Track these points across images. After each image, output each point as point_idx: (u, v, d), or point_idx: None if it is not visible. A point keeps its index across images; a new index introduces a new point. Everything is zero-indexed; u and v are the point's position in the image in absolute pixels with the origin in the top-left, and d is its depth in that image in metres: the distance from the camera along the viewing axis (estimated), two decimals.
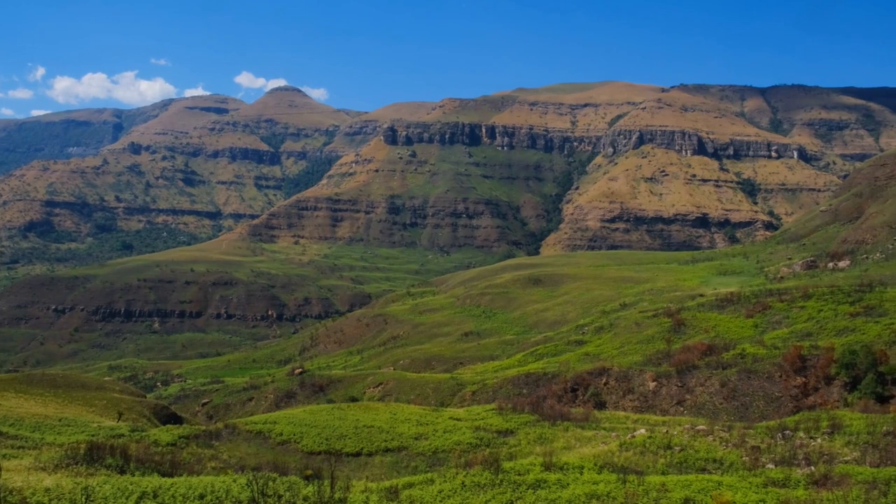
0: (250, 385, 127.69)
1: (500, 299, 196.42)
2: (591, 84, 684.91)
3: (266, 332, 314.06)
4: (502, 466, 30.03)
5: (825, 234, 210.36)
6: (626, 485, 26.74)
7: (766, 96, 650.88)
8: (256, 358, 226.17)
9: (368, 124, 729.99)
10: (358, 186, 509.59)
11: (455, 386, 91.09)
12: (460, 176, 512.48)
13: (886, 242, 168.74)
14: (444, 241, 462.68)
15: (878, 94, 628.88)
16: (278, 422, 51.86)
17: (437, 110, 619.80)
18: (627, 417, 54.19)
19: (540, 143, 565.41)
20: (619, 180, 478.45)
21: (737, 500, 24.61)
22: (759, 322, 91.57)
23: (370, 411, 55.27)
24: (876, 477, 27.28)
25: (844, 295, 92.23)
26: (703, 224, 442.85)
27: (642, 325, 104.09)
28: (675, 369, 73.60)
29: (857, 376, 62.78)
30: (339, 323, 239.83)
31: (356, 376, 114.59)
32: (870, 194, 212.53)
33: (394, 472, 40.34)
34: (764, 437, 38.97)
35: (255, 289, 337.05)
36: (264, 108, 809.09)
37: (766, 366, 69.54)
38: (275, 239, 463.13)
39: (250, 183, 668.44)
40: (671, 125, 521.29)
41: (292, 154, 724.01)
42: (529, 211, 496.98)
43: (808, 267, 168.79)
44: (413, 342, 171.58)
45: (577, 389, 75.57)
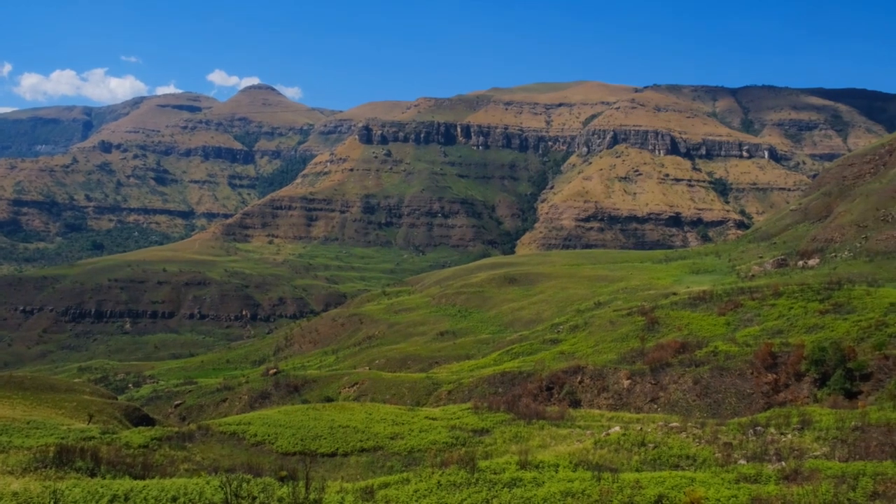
0: (224, 386, 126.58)
1: (476, 298, 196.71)
2: (565, 84, 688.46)
3: (240, 332, 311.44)
4: (478, 465, 30.06)
5: (795, 232, 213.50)
6: (600, 482, 26.89)
7: (738, 97, 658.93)
8: (230, 358, 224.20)
9: (343, 123, 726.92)
10: (333, 186, 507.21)
11: (431, 385, 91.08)
12: (435, 175, 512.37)
13: (854, 241, 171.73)
14: (419, 240, 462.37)
15: (846, 95, 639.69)
16: (252, 423, 51.43)
17: (412, 109, 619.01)
18: (602, 415, 54.53)
19: (515, 142, 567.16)
20: (593, 180, 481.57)
21: (709, 495, 24.85)
22: (731, 320, 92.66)
23: (345, 411, 55.03)
24: (845, 471, 27.72)
25: (814, 293, 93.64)
26: (676, 223, 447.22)
27: (616, 324, 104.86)
28: (649, 367, 74.26)
29: (826, 373, 63.80)
30: (314, 323, 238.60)
31: (331, 376, 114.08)
32: (838, 193, 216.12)
33: (369, 472, 40.19)
34: (736, 433, 39.44)
35: (228, 289, 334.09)
36: (238, 106, 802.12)
37: (738, 363, 70.42)
38: (249, 238, 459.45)
39: (224, 182, 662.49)
40: (645, 125, 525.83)
41: (266, 153, 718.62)
42: (505, 210, 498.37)
43: (778, 265, 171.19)
44: (388, 342, 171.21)
45: (553, 388, 75.96)
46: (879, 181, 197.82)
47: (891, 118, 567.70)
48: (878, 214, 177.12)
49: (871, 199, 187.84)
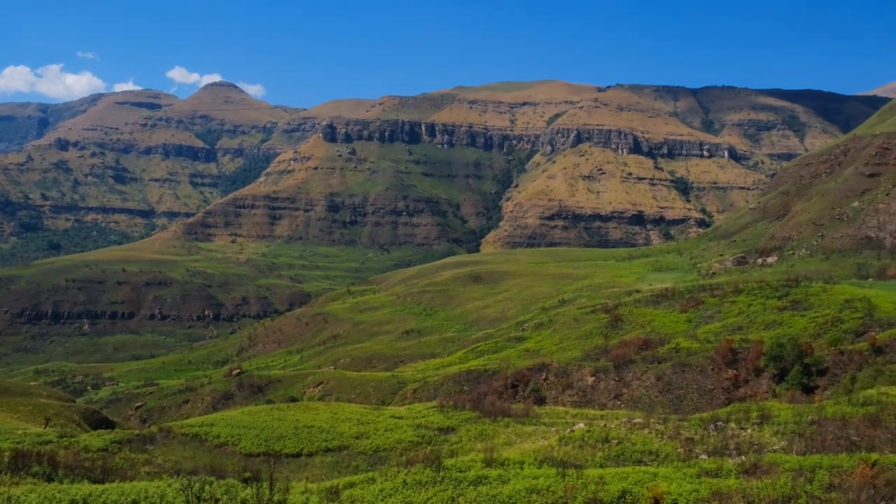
0: (186, 387, 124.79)
1: (441, 297, 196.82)
2: (529, 83, 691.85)
3: (202, 332, 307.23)
4: (444, 464, 30.07)
5: (754, 230, 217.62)
6: (565, 479, 27.08)
7: (698, 97, 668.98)
8: (192, 359, 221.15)
9: (307, 121, 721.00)
10: (297, 184, 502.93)
11: (396, 384, 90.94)
12: (400, 174, 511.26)
13: (811, 239, 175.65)
14: (384, 239, 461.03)
15: (803, 96, 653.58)
16: (215, 424, 50.79)
17: (376, 108, 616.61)
18: (567, 412, 54.95)
19: (479, 141, 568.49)
20: (557, 178, 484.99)
21: (672, 490, 25.18)
22: (692, 317, 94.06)
23: (310, 411, 54.65)
24: (802, 465, 28.31)
25: (772, 290, 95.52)
26: (638, 221, 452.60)
27: (581, 321, 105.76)
28: (613, 364, 75.05)
29: (784, 368, 65.13)
30: (278, 322, 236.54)
31: (296, 376, 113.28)
32: (796, 193, 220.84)
33: (334, 472, 39.96)
34: (697, 428, 40.05)
35: (190, 288, 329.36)
36: (199, 103, 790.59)
37: (699, 359, 71.51)
38: (211, 237, 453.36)
39: (185, 180, 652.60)
40: (608, 124, 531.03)
41: (229, 151, 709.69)
42: (469, 209, 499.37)
43: (738, 263, 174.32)
44: (353, 341, 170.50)
45: (518, 385, 76.33)
46: (835, 181, 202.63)
47: (845, 119, 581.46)
48: (834, 213, 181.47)
49: (827, 198, 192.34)
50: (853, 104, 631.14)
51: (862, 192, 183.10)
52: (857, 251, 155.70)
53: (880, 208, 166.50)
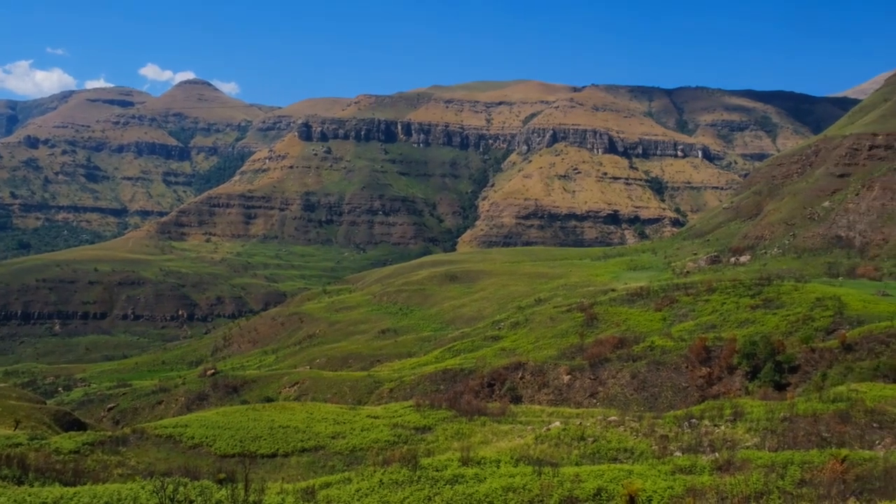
0: (160, 388, 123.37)
1: (417, 296, 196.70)
2: (505, 82, 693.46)
3: (176, 332, 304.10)
4: (420, 463, 30.05)
5: (727, 230, 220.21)
6: (541, 477, 27.19)
7: (673, 97, 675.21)
8: (166, 359, 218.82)
9: (282, 120, 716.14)
10: (272, 183, 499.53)
11: (372, 384, 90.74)
12: (376, 173, 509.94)
13: (783, 238, 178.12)
14: (360, 238, 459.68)
15: (775, 97, 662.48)
16: (190, 425, 50.30)
17: (352, 106, 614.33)
18: (543, 411, 55.16)
19: (456, 140, 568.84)
20: (533, 178, 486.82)
21: (646, 487, 25.39)
22: (667, 315, 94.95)
23: (286, 411, 54.33)
24: (774, 461, 28.69)
25: (745, 288, 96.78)
26: (614, 221, 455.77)
27: (556, 320, 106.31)
28: (589, 362, 75.51)
29: (757, 366, 65.96)
30: (254, 322, 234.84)
31: (271, 376, 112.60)
32: (768, 192, 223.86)
33: (310, 473, 39.77)
34: (672, 426, 40.43)
35: (164, 288, 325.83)
36: (172, 101, 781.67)
37: (673, 357, 72.20)
38: (185, 237, 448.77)
39: (158, 179, 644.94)
40: (583, 124, 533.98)
41: (203, 149, 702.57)
42: (445, 208, 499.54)
43: (712, 262, 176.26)
44: (329, 340, 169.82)
45: (494, 384, 76.51)
46: (806, 181, 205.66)
47: (816, 120, 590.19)
48: (805, 213, 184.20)
49: (799, 198, 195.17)
50: (824, 105, 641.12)
51: (832, 192, 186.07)
52: (828, 250, 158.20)
53: (850, 208, 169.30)
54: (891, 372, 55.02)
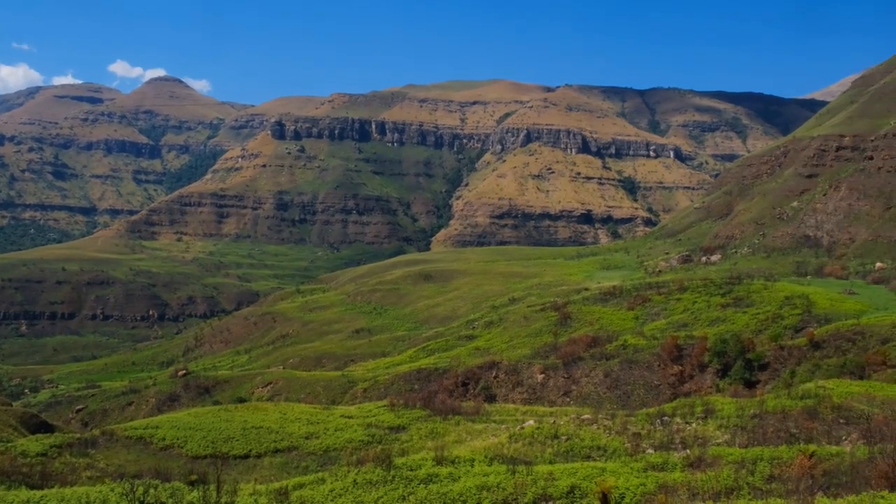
0: (130, 389, 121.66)
1: (391, 296, 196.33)
2: (479, 82, 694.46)
3: (147, 333, 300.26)
4: (394, 462, 29.99)
5: (699, 229, 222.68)
6: (515, 475, 27.26)
7: (645, 98, 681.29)
8: (136, 360, 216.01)
9: (255, 118, 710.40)
10: (244, 181, 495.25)
11: (346, 383, 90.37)
12: (350, 172, 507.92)
13: (753, 237, 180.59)
14: (334, 237, 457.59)
15: (745, 98, 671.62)
16: (160, 426, 49.70)
17: (326, 105, 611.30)
18: (517, 409, 55.36)
19: (430, 139, 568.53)
20: (507, 177, 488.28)
21: (619, 485, 25.56)
22: (639, 314, 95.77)
23: (259, 412, 53.91)
24: (744, 457, 29.07)
25: (716, 287, 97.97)
26: (587, 220, 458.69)
27: (530, 319, 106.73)
28: (562, 361, 75.90)
29: (727, 363, 66.80)
30: (226, 322, 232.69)
31: (244, 376, 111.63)
32: (738, 193, 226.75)
33: (284, 473, 39.50)
34: (644, 423, 40.78)
35: (134, 288, 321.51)
36: (143, 98, 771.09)
37: (646, 356, 72.85)
38: (156, 236, 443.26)
39: (128, 177, 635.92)
40: (557, 124, 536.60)
41: (174, 147, 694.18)
42: (420, 207, 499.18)
43: (683, 261, 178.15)
44: (303, 340, 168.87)
45: (468, 383, 76.58)
46: (775, 181, 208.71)
47: (785, 122, 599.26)
48: (775, 213, 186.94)
49: (768, 198, 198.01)
50: (792, 107, 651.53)
51: (801, 193, 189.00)
52: (797, 249, 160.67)
53: (818, 208, 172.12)
54: (857, 369, 56.05)
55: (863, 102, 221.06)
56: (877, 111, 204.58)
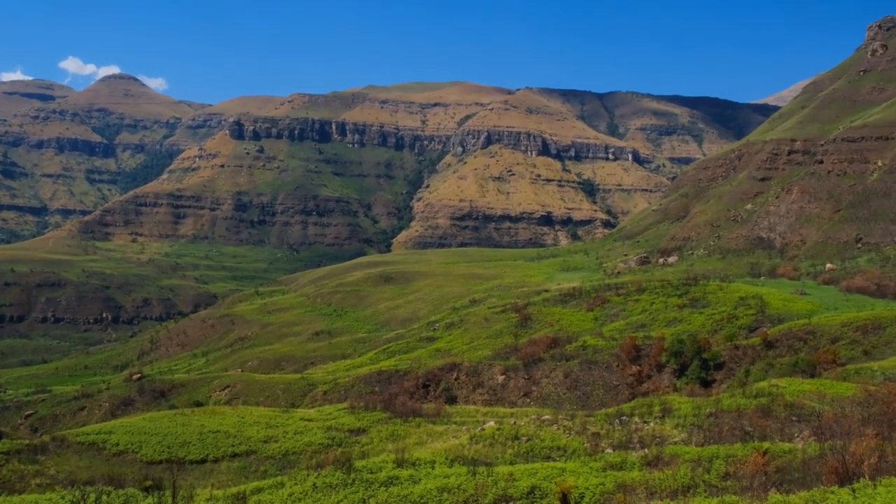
0: (82, 393, 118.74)
1: (352, 297, 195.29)
2: (440, 84, 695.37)
3: (100, 336, 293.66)
4: (354, 465, 29.75)
5: (656, 231, 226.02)
6: (475, 477, 27.26)
7: (604, 101, 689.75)
8: (89, 364, 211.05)
9: (213, 117, 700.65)
10: (202, 182, 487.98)
11: (306, 386, 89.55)
12: (310, 173, 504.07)
13: (709, 239, 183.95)
14: (293, 239, 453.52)
15: (701, 102, 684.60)
16: (114, 431, 48.57)
17: (285, 105, 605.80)
18: (478, 411, 55.41)
19: (391, 141, 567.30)
20: (468, 179, 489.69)
21: (579, 484, 25.71)
22: (598, 315, 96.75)
23: (216, 415, 53.07)
24: (701, 455, 29.49)
25: (673, 288, 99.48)
26: (547, 222, 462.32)
27: (491, 321, 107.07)
28: (523, 362, 76.27)
29: (684, 363, 67.85)
30: (183, 324, 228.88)
31: (201, 380, 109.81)
32: (694, 195, 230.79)
33: (242, 478, 38.93)
34: (603, 423, 41.15)
35: (87, 290, 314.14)
36: (96, 96, 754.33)
37: (605, 356, 73.60)
38: (110, 236, 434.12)
39: (81, 176, 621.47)
40: (517, 126, 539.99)
41: (129, 146, 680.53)
42: (381, 209, 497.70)
43: (641, 262, 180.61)
44: (262, 343, 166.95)
45: (429, 385, 76.50)
46: (730, 184, 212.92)
47: (739, 126, 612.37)
48: (729, 215, 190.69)
49: (723, 200, 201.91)
50: (746, 112, 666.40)
51: (755, 195, 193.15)
52: (751, 251, 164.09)
53: (771, 210, 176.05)
54: (808, 367, 57.39)
55: (813, 108, 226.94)
56: (826, 116, 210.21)
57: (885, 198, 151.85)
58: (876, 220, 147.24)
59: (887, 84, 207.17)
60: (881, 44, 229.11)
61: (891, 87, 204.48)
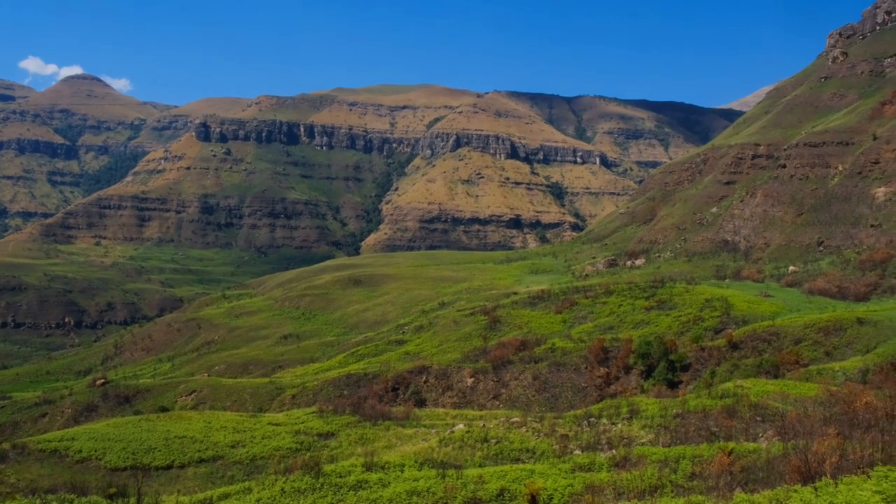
0: (43, 399, 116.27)
1: (321, 301, 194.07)
2: (409, 86, 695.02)
3: (63, 341, 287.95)
4: (323, 470, 29.55)
5: (624, 234, 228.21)
6: (445, 479, 27.25)
7: (572, 105, 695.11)
8: (51, 370, 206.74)
9: (179, 119, 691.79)
10: (168, 184, 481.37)
11: (274, 390, 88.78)
12: (278, 175, 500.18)
13: (675, 242, 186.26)
14: (261, 242, 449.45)
15: (668, 107, 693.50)
16: (77, 438, 47.66)
17: (253, 107, 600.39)
18: (447, 413, 55.42)
19: (359, 143, 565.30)
20: (437, 182, 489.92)
21: (548, 486, 25.84)
22: (567, 317, 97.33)
23: (182, 421, 52.35)
24: (667, 456, 29.82)
25: (641, 291, 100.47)
26: (516, 225, 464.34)
27: (460, 323, 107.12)
28: (492, 365, 76.44)
29: (651, 365, 68.57)
30: (148, 329, 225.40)
31: (166, 384, 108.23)
32: (661, 199, 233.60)
33: (208, 484, 38.43)
34: (572, 425, 41.40)
35: (48, 294, 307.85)
36: (58, 97, 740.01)
37: (573, 358, 74.06)
38: (72, 240, 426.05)
39: (42, 178, 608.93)
40: (486, 129, 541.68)
41: (92, 148, 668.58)
42: (349, 211, 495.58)
43: (609, 265, 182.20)
44: (229, 347, 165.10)
45: (399, 388, 76.32)
46: (696, 187, 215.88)
47: (705, 130, 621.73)
48: (695, 218, 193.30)
49: (689, 203, 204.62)
50: (711, 116, 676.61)
51: (720, 199, 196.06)
52: (716, 254, 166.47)
53: (735, 214, 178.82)
54: (772, 368, 58.38)
55: (776, 113, 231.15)
56: (789, 121, 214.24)
57: (846, 202, 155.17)
58: (837, 224, 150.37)
59: (847, 91, 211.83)
60: (841, 51, 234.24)
61: (851, 93, 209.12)
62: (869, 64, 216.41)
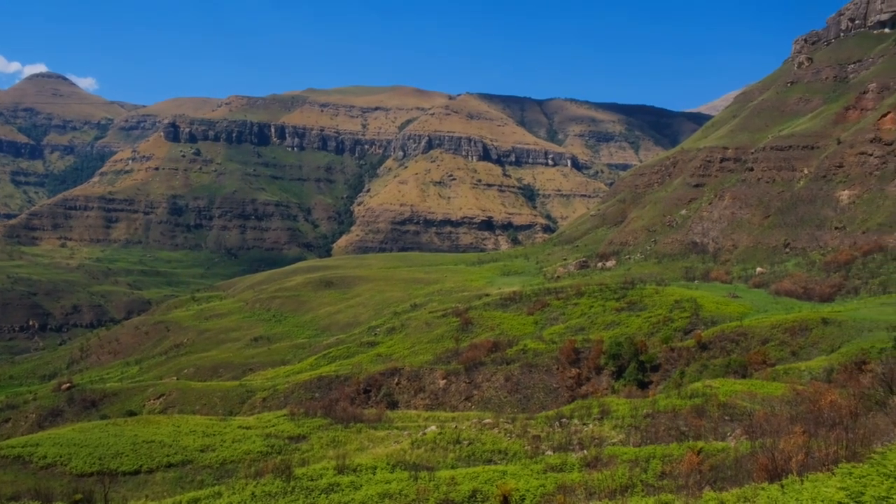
0: (6, 404, 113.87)
1: (292, 303, 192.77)
2: (381, 88, 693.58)
3: (26, 344, 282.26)
4: (294, 473, 29.34)
5: (595, 236, 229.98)
6: (417, 481, 27.20)
7: (543, 108, 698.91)
8: (14, 374, 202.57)
9: (147, 119, 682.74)
10: (136, 185, 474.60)
11: (244, 393, 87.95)
12: (249, 176, 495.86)
13: (645, 244, 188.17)
14: (231, 243, 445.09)
15: (637, 111, 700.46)
16: (41, 443, 46.76)
17: (223, 107, 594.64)
18: (419, 415, 55.34)
19: (331, 144, 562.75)
20: (409, 183, 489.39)
21: (520, 487, 25.91)
22: (539, 319, 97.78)
23: (150, 425, 51.62)
24: (638, 455, 30.07)
25: (611, 292, 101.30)
26: (488, 227, 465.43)
27: (432, 325, 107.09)
28: (464, 366, 76.52)
29: (622, 365, 69.14)
30: (115, 332, 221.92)
31: (134, 388, 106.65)
32: (631, 201, 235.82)
33: (177, 489, 37.93)
34: (544, 426, 41.58)
35: (11, 296, 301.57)
36: (22, 95, 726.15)
37: (545, 359, 74.41)
38: (37, 241, 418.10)
39: (6, 178, 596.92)
40: (458, 131, 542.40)
41: (57, 148, 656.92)
42: (321, 213, 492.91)
43: (580, 267, 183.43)
44: (198, 349, 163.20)
45: (370, 390, 76.07)
46: (665, 190, 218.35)
47: (674, 133, 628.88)
48: (665, 220, 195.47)
49: (659, 206, 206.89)
50: (681, 120, 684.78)
51: (689, 201, 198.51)
52: (685, 255, 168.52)
53: (704, 216, 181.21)
54: (740, 368, 59.21)
55: (743, 117, 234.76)
56: (756, 125, 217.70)
57: (811, 204, 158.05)
58: (802, 226, 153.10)
59: (812, 95, 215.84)
60: (807, 57, 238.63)
61: (816, 98, 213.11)
62: (833, 70, 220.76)
